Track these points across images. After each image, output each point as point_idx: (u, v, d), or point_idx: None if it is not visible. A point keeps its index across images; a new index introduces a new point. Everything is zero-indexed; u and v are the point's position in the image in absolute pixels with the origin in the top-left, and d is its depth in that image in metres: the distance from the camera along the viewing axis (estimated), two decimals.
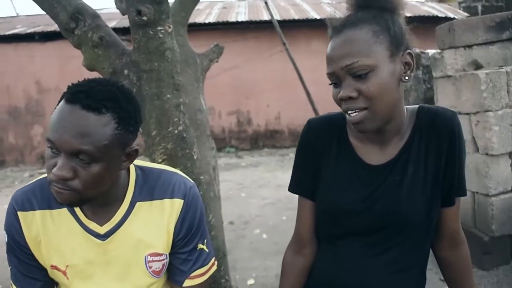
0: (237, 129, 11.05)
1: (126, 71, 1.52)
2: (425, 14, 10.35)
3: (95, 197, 0.97)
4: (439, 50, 3.38)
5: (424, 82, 6.72)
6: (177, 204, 1.09)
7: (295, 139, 10.47)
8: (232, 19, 10.37)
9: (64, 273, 1.06)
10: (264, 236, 4.21)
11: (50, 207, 1.05)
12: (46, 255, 1.06)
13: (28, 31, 10.04)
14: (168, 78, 1.52)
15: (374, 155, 1.04)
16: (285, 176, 7.00)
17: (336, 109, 1.06)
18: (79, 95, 0.89)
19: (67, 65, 9.10)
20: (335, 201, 1.04)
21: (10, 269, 1.09)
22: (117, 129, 0.92)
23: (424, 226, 1.01)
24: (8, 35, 10.07)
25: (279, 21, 8.21)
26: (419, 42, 1.01)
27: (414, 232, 1.01)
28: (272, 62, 10.10)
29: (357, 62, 0.90)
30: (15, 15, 13.33)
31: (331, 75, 0.96)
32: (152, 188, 1.09)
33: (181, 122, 1.55)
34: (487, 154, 3.03)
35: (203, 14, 10.93)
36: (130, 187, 1.08)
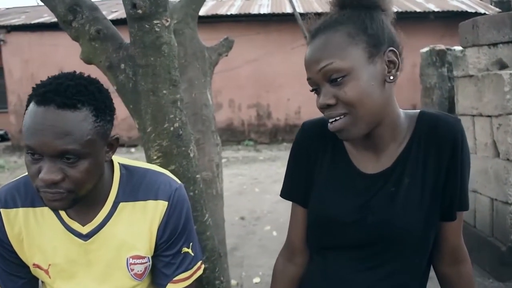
0: (257, 122, 11.03)
1: (122, 65, 1.48)
2: (454, 9, 10.03)
3: (86, 194, 0.95)
4: (461, 48, 3.23)
5: (450, 80, 6.51)
6: (161, 206, 1.06)
7: None
8: (255, 11, 10.29)
9: (47, 272, 1.06)
10: (274, 233, 4.17)
11: (33, 205, 1.03)
12: (28, 253, 1.05)
13: (53, 20, 10.21)
14: (165, 73, 1.47)
15: (369, 163, 0.97)
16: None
17: None
18: (50, 95, 0.86)
19: None
20: (325, 210, 0.98)
21: None
22: (96, 121, 0.91)
23: (419, 241, 0.94)
24: (34, 24, 10.27)
25: (301, 14, 8.09)
26: (446, 39, 0.94)
27: (408, 247, 0.94)
28: (294, 55, 9.98)
29: (331, 64, 0.86)
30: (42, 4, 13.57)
31: (309, 81, 0.92)
32: (136, 188, 1.07)
33: (177, 119, 1.50)
34: (508, 159, 2.89)
35: (226, 5, 10.88)
36: (114, 187, 1.06)
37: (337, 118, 0.88)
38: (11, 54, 10.93)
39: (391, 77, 0.89)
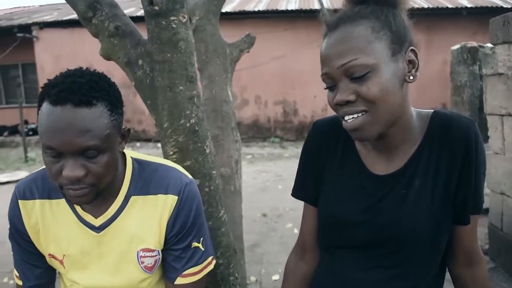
0: (283, 119, 11.00)
1: (140, 62, 1.50)
2: (488, 5, 9.69)
3: (106, 186, 0.98)
4: (491, 45, 3.12)
5: (481, 78, 6.30)
6: (171, 200, 1.07)
7: None
8: (282, 7, 10.25)
9: (61, 262, 1.09)
10: (296, 231, 4.15)
11: (49, 197, 1.07)
12: (44, 244, 1.09)
13: None
14: (181, 69, 1.48)
15: (380, 164, 0.95)
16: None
17: None
18: (65, 94, 0.88)
19: None
20: (334, 210, 0.97)
21: (13, 254, 1.14)
22: (111, 115, 0.93)
23: (429, 244, 0.92)
24: (65, 20, 10.54)
25: (329, 11, 8.01)
26: (479, 36, 0.91)
27: (417, 249, 0.91)
28: None
29: (355, 60, 0.81)
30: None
31: (325, 76, 0.87)
32: (148, 182, 1.09)
33: (193, 115, 1.52)
34: None
35: (253, 2, 10.88)
36: (126, 181, 1.08)
37: (355, 116, 0.85)
38: (43, 50, 11.26)
39: (411, 77, 0.86)
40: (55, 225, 1.07)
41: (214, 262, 1.20)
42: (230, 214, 1.93)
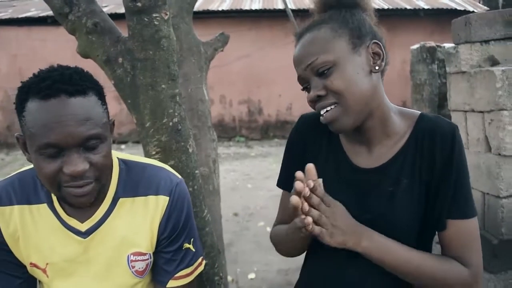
0: (248, 118, 11.01)
1: (120, 59, 1.46)
2: (443, 6, 10.10)
3: (106, 181, 0.95)
4: (453, 45, 3.25)
5: (439, 77, 6.56)
6: (162, 201, 1.04)
7: None
8: (246, 7, 10.26)
9: (44, 271, 1.03)
10: (268, 229, 4.17)
11: (29, 202, 1.01)
12: (25, 252, 1.02)
13: (41, 14, 10.07)
14: (164, 67, 1.45)
15: (362, 158, 0.99)
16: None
17: None
18: (58, 85, 0.84)
19: None
20: None
21: None
22: (102, 104, 0.92)
23: (415, 242, 0.94)
24: (21, 18, 10.11)
25: (293, 10, 8.08)
26: (436, 36, 0.96)
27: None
28: (285, 51, 9.95)
29: (317, 59, 0.90)
30: None
31: (299, 79, 0.96)
32: (136, 183, 1.05)
33: (176, 114, 1.49)
34: (499, 154, 2.92)
35: (217, 1, 10.82)
36: (113, 182, 1.03)
37: (327, 108, 0.91)
38: None
39: (377, 67, 0.92)
40: (36, 232, 1.00)
41: (204, 262, 1.18)
42: (210, 214, 1.91)
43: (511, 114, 2.86)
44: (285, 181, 1.11)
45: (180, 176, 1.12)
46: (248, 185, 5.91)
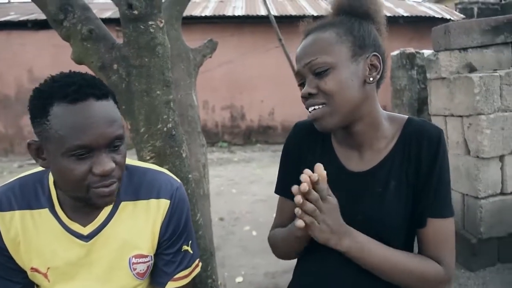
0: (230, 124, 11.02)
1: (115, 66, 1.48)
2: (422, 14, 10.35)
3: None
4: (433, 51, 3.37)
5: (418, 82, 6.72)
6: (163, 204, 1.07)
7: None
8: (229, 13, 10.30)
9: (45, 275, 1.03)
10: (254, 233, 4.20)
11: (30, 207, 1.01)
12: (25, 257, 1.02)
13: (21, 18, 9.91)
14: (159, 74, 1.48)
15: (354, 162, 1.03)
16: (277, 172, 6.95)
17: None
18: (87, 90, 0.88)
19: (61, 55, 8.99)
20: None
21: None
22: (117, 107, 0.96)
23: (403, 239, 0.99)
24: (1, 22, 9.92)
25: (275, 17, 8.14)
26: (415, 42, 1.01)
27: (392, 243, 0.98)
28: (268, 57, 10.06)
29: (316, 59, 0.94)
30: (7, 1, 13.12)
31: (297, 74, 1.00)
32: (137, 187, 1.07)
33: (170, 120, 1.52)
34: (478, 157, 3.04)
35: (199, 7, 10.84)
36: None
37: (316, 107, 0.96)
38: None
39: (371, 79, 0.96)
40: (37, 237, 1.01)
41: (200, 264, 1.21)
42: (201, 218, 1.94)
43: (488, 118, 2.98)
44: (282, 188, 1.14)
45: (179, 180, 1.15)
46: (232, 190, 5.93)
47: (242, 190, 5.89)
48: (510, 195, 3.13)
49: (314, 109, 0.96)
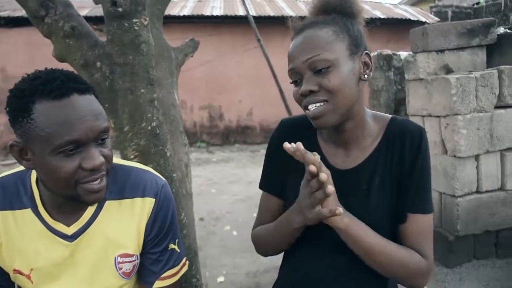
0: (209, 124, 10.97)
1: (98, 64, 1.46)
2: (398, 16, 10.55)
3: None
4: (411, 53, 3.44)
5: (395, 84, 6.83)
6: (149, 203, 1.06)
7: (267, 135, 10.48)
8: (207, 13, 10.25)
9: (28, 277, 1.01)
10: (234, 233, 4.20)
11: (12, 207, 0.99)
12: (8, 259, 1.00)
13: None
14: (143, 72, 1.47)
15: (340, 159, 1.05)
16: (256, 172, 6.95)
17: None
18: (70, 84, 0.87)
19: (36, 53, 8.78)
20: None
21: None
22: (99, 102, 0.95)
23: (388, 233, 1.01)
24: None
25: (254, 17, 8.18)
26: (392, 44, 1.03)
27: None
28: (246, 58, 10.06)
29: (318, 55, 0.93)
30: None
31: (292, 72, 0.99)
32: (122, 186, 1.06)
33: (154, 118, 1.51)
34: (454, 156, 3.11)
35: (178, 6, 10.76)
36: None
37: (317, 104, 0.95)
38: None
39: (366, 76, 0.98)
40: (20, 238, 0.99)
41: (187, 263, 1.20)
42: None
43: (464, 118, 3.06)
44: (267, 184, 1.15)
45: (164, 179, 1.14)
46: (212, 190, 5.91)
47: (221, 190, 5.88)
48: (485, 193, 3.22)
49: (316, 106, 0.95)
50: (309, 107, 0.97)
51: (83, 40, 1.47)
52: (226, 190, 5.85)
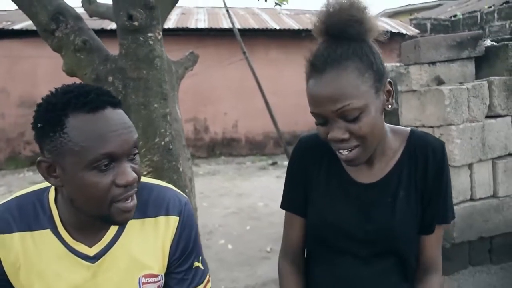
0: (194, 136, 10.90)
1: (110, 78, 1.44)
2: (390, 29, 10.76)
3: None
4: (403, 65, 3.50)
5: None
6: (173, 221, 1.03)
7: (252, 147, 10.49)
8: (192, 25, 10.26)
9: None
10: (229, 246, 4.16)
11: (30, 228, 0.95)
12: (26, 282, 0.96)
13: None
14: (156, 87, 1.46)
15: (362, 173, 1.05)
16: (245, 184, 6.96)
17: (293, 120, 1.05)
18: (105, 98, 0.86)
19: (16, 66, 8.61)
20: (325, 215, 1.05)
21: None
22: None
23: (413, 244, 1.04)
24: None
25: (238, 30, 8.22)
26: (382, 56, 1.01)
27: (402, 250, 1.03)
28: (231, 70, 10.08)
29: (348, 105, 0.89)
30: None
31: (317, 115, 0.94)
32: (144, 204, 1.02)
33: (167, 133, 1.49)
34: (450, 165, 3.16)
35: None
36: None
37: (349, 150, 0.94)
38: None
39: (389, 106, 0.97)
40: (39, 260, 0.95)
41: (210, 279, 1.18)
42: None
43: (458, 128, 3.12)
44: (290, 203, 1.14)
45: (186, 196, 1.12)
46: (203, 203, 5.83)
47: (212, 203, 5.82)
48: (478, 201, 3.27)
49: (348, 151, 0.94)
50: (341, 151, 0.96)
51: (95, 54, 1.45)
52: (217, 203, 5.80)
